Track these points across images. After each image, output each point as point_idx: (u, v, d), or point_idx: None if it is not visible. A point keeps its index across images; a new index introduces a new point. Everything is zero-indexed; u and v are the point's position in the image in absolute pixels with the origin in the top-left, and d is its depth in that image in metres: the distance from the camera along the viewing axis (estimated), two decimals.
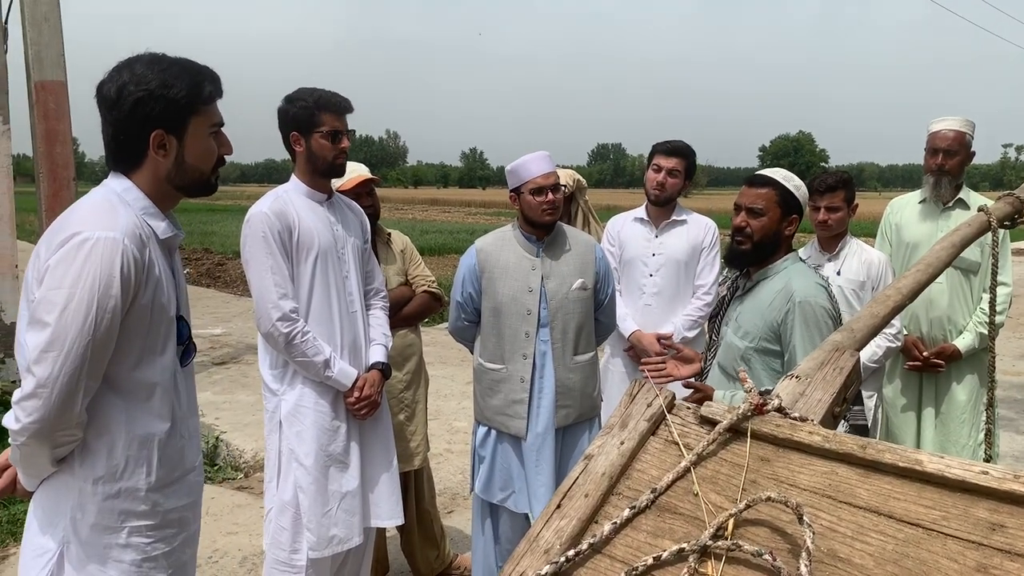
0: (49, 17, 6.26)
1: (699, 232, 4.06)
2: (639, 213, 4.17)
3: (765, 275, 2.75)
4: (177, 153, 1.87)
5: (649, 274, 4.02)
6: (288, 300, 2.88)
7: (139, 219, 1.83)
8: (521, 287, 3.27)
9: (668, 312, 4.01)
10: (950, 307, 3.92)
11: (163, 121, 1.82)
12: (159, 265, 1.86)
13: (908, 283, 1.89)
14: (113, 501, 1.86)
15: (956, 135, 3.85)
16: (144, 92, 1.80)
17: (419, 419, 3.82)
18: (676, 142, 4.06)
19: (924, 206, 4.03)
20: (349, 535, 2.99)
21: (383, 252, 3.76)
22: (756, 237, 2.71)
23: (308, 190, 3.02)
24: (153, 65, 1.83)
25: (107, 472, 1.84)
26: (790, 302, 2.61)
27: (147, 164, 1.86)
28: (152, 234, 1.86)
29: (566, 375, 3.28)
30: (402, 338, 3.70)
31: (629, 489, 1.30)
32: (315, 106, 2.94)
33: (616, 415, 1.42)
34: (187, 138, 1.87)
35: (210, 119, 1.90)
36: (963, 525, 1.10)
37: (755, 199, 2.72)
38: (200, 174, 1.92)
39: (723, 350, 2.80)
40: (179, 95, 1.82)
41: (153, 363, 1.87)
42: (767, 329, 2.65)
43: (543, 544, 1.22)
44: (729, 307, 2.91)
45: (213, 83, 1.89)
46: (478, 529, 3.48)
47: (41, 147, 6.71)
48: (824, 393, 1.48)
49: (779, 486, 1.23)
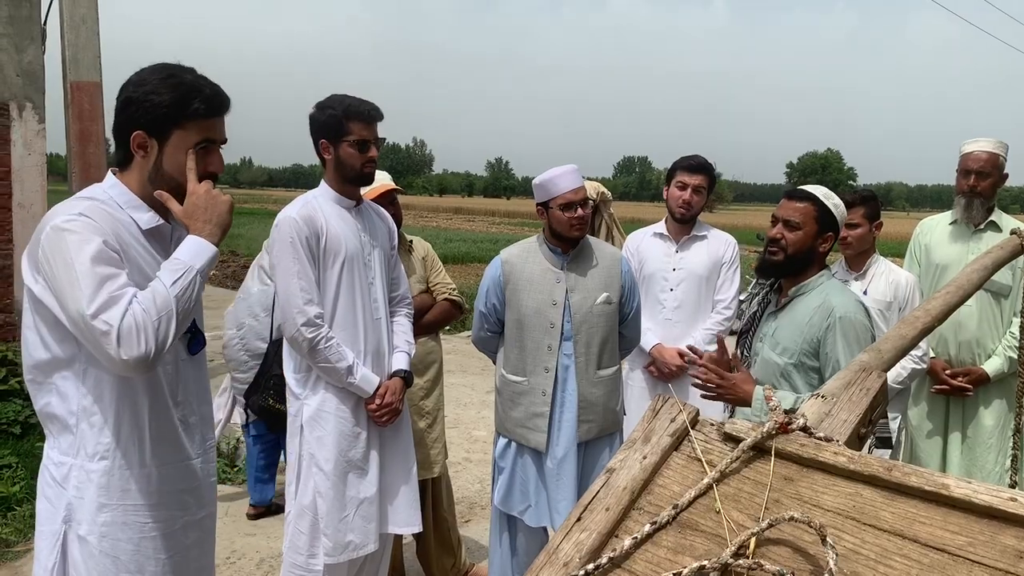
0: (87, 19, 6.37)
1: (719, 247, 4.06)
2: (659, 228, 4.17)
3: (801, 291, 2.77)
4: (156, 158, 1.92)
5: (670, 289, 4.01)
6: (313, 306, 2.89)
7: (118, 210, 1.91)
8: (545, 300, 3.26)
9: (688, 327, 4.00)
10: (979, 330, 3.86)
11: (144, 124, 1.89)
12: (138, 252, 1.91)
13: (937, 305, 1.86)
14: (107, 478, 1.92)
15: (989, 156, 3.81)
16: (133, 94, 1.89)
17: (439, 427, 3.82)
18: (698, 158, 4.04)
19: (955, 227, 3.98)
20: (365, 541, 3.00)
21: (404, 260, 3.78)
22: (790, 250, 2.73)
23: (337, 196, 3.04)
24: (156, 72, 1.91)
25: (98, 450, 1.91)
26: (830, 317, 2.63)
27: (134, 163, 1.94)
28: (133, 223, 1.93)
29: (589, 389, 3.26)
30: (422, 345, 3.72)
31: (650, 504, 1.29)
32: (344, 115, 2.94)
33: (639, 429, 1.41)
34: (168, 147, 1.92)
35: (199, 135, 1.93)
36: (990, 552, 1.09)
37: (793, 212, 2.75)
38: (178, 185, 1.94)
39: (760, 366, 2.80)
40: (161, 104, 1.87)
41: None
42: (806, 345, 2.66)
43: (562, 557, 1.21)
44: (761, 323, 2.91)
45: (207, 102, 1.92)
46: (495, 541, 3.47)
47: (75, 147, 6.82)
48: (850, 414, 1.47)
49: (802, 506, 1.22)
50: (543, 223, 3.33)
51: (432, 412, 3.79)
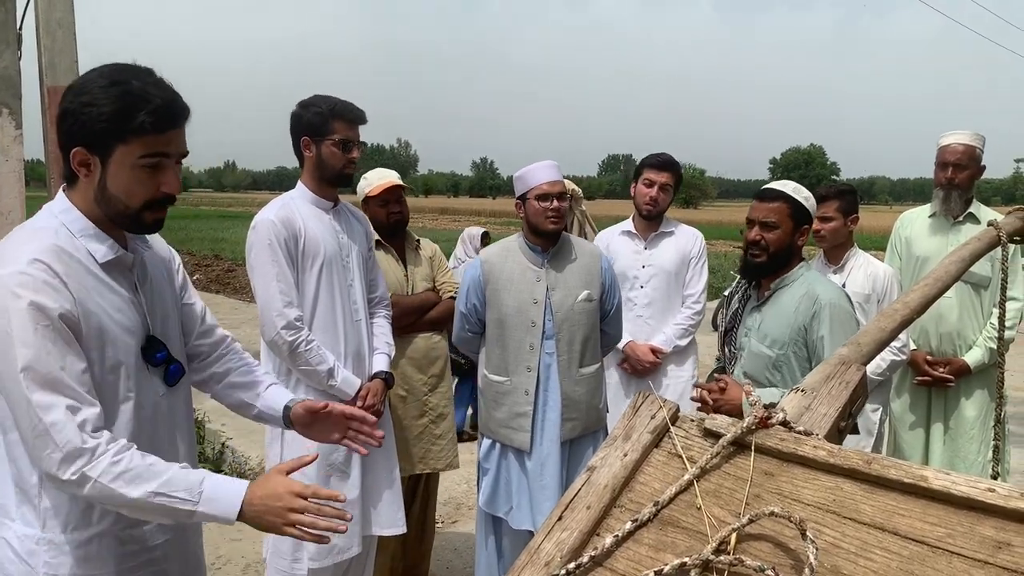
0: (63, 23, 6.30)
1: (687, 243, 4.09)
2: (626, 227, 4.19)
3: (783, 283, 2.83)
4: (100, 178, 1.68)
5: (640, 286, 4.04)
6: (293, 308, 2.88)
7: (71, 240, 1.69)
8: (526, 299, 3.25)
9: (660, 323, 4.04)
10: (960, 322, 3.89)
11: (83, 140, 1.65)
12: (97, 291, 1.69)
13: (916, 297, 1.87)
14: (85, 549, 1.72)
15: (966, 149, 3.83)
16: (70, 105, 1.65)
17: (446, 422, 3.81)
18: (665, 156, 4.08)
19: (934, 220, 4.01)
20: (349, 544, 2.99)
21: (411, 257, 3.80)
22: (771, 249, 2.79)
23: (314, 197, 3.02)
24: (100, 78, 1.65)
25: (70, 520, 1.70)
26: (816, 304, 2.70)
27: (79, 183, 1.71)
28: (89, 255, 1.70)
29: (572, 387, 3.26)
30: (427, 340, 3.72)
31: (631, 502, 1.29)
32: (330, 113, 2.94)
33: (619, 427, 1.40)
34: (111, 165, 1.66)
35: (143, 150, 1.66)
36: (969, 543, 1.09)
37: (768, 213, 2.80)
38: (124, 208, 1.70)
39: (749, 360, 2.84)
40: (100, 117, 1.62)
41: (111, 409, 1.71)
42: (794, 334, 2.72)
43: (544, 556, 1.20)
44: (744, 318, 2.96)
45: (154, 114, 1.64)
46: (481, 543, 3.46)
47: (53, 152, 6.75)
48: (829, 407, 1.47)
49: (783, 501, 1.22)
50: (522, 221, 3.32)
51: (436, 407, 3.76)
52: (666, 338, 3.99)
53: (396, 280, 3.68)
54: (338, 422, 2.09)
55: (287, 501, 1.67)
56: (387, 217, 3.66)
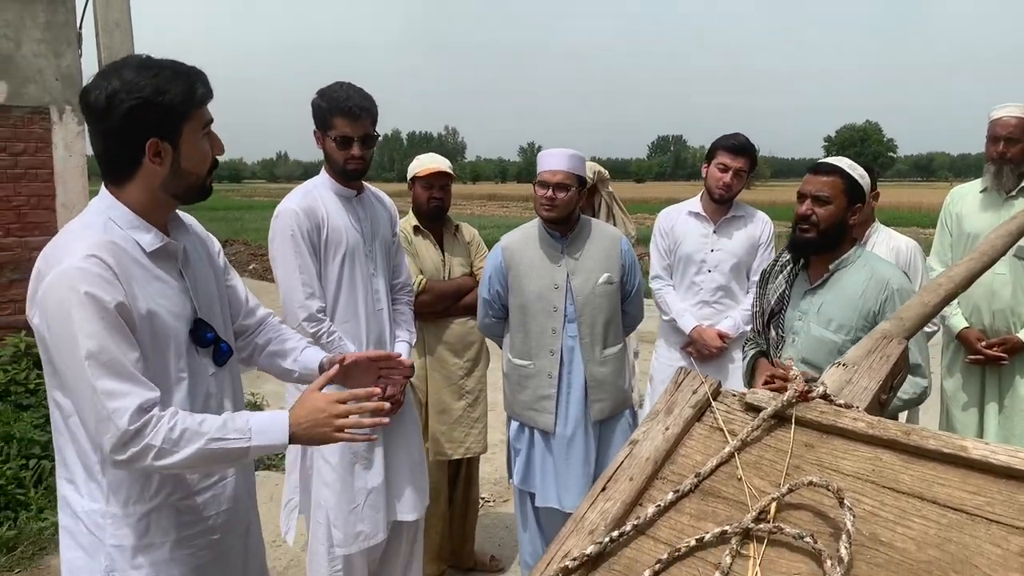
0: (120, 23, 6.48)
1: (757, 228, 4.02)
2: (693, 207, 4.09)
3: (841, 265, 2.73)
4: (173, 160, 1.78)
5: (708, 270, 3.97)
6: (315, 300, 2.87)
7: (118, 232, 1.77)
8: (547, 284, 3.27)
9: (726, 307, 3.99)
10: (1013, 298, 3.81)
11: (158, 129, 1.74)
12: (145, 278, 1.78)
13: (960, 271, 1.86)
14: (146, 521, 1.83)
15: (1018, 122, 3.74)
16: (137, 100, 1.70)
17: (481, 406, 3.87)
18: (741, 138, 3.96)
19: (985, 195, 3.93)
20: (375, 531, 3.04)
21: (449, 242, 3.83)
22: (822, 225, 2.69)
23: (337, 186, 2.98)
24: (143, 70, 1.73)
25: (132, 494, 1.81)
26: (887, 290, 2.61)
27: (141, 174, 1.78)
28: (136, 244, 1.79)
29: (597, 369, 3.29)
30: (462, 325, 3.77)
31: (673, 474, 1.32)
32: (328, 108, 2.85)
33: (662, 401, 1.44)
34: (182, 144, 1.78)
35: (202, 120, 1.82)
36: (1008, 511, 1.10)
37: (821, 187, 2.70)
38: (196, 178, 1.84)
39: (808, 345, 2.74)
40: (174, 101, 1.73)
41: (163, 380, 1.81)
42: (863, 320, 2.62)
43: (588, 525, 1.25)
44: (795, 301, 2.83)
45: (205, 85, 1.80)
46: (521, 519, 3.52)
47: None
48: (870, 381, 1.49)
49: (822, 471, 1.24)
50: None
51: (473, 391, 3.83)
52: (733, 323, 3.92)
53: (433, 265, 3.72)
54: (369, 369, 2.20)
55: (330, 409, 1.81)
56: (427, 201, 3.69)
